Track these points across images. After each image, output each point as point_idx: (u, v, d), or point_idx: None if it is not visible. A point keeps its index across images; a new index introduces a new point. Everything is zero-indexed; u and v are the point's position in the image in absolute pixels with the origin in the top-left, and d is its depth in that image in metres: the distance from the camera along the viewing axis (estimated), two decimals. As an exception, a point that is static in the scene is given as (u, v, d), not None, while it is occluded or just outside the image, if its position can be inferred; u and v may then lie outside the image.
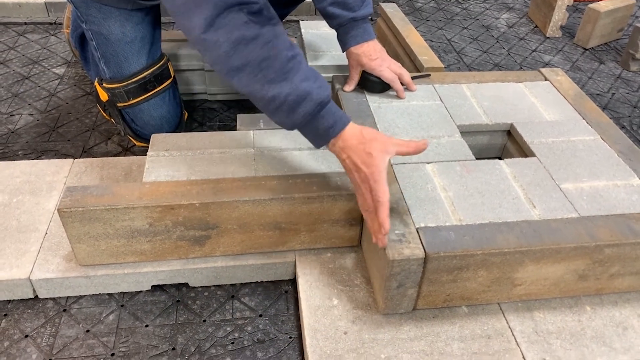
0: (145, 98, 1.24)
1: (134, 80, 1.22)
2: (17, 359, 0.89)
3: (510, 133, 1.18)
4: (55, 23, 2.02)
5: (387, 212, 0.81)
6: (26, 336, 0.92)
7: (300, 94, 0.82)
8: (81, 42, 1.39)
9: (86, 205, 0.89)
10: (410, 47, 1.46)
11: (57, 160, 1.22)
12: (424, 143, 0.87)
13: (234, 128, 1.17)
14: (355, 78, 1.22)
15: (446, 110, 1.19)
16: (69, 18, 1.55)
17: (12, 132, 1.42)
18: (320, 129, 0.86)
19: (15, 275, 0.95)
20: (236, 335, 0.94)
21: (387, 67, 1.19)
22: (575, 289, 0.94)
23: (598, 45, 2.14)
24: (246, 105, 1.60)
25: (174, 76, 1.32)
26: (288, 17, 1.79)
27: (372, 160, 0.83)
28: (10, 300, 0.98)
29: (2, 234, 1.02)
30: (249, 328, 0.95)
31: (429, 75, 1.31)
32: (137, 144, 1.34)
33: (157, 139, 1.08)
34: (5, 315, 0.96)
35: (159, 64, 1.26)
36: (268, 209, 0.94)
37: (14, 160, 1.29)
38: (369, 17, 1.20)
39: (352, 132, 0.86)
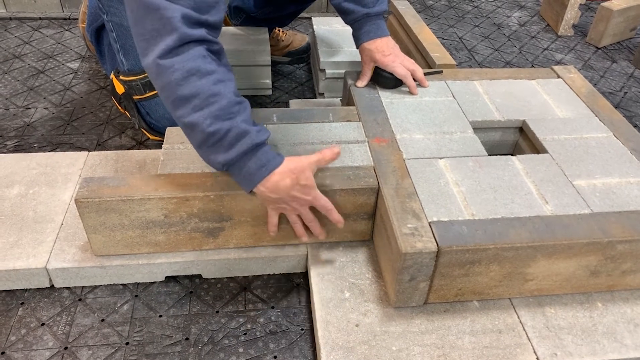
0: (161, 91, 1.25)
1: (151, 73, 1.23)
2: (34, 346, 0.90)
3: (522, 130, 1.18)
4: (69, 18, 2.04)
5: (337, 213, 0.94)
6: (42, 324, 0.94)
7: (240, 132, 0.86)
8: (97, 36, 1.41)
9: (102, 196, 0.90)
10: (422, 44, 1.47)
11: (72, 152, 1.23)
12: (335, 148, 0.94)
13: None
14: (368, 74, 1.22)
15: (458, 106, 1.19)
16: (85, 13, 1.56)
17: (28, 125, 1.44)
18: (252, 167, 0.88)
19: (32, 265, 0.96)
20: (248, 326, 0.95)
21: (400, 63, 1.19)
22: (586, 285, 0.95)
23: (610, 44, 2.13)
24: (257, 102, 1.62)
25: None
26: (300, 15, 1.80)
27: (308, 189, 0.90)
28: (27, 289, 0.99)
29: (19, 224, 1.04)
30: (261, 319, 0.96)
31: (441, 71, 1.31)
32: (151, 137, 1.35)
33: (172, 132, 1.09)
34: (22, 303, 0.97)
35: None
36: (281, 202, 0.95)
37: (30, 152, 1.31)
38: (383, 14, 1.20)
39: (282, 171, 0.88)
